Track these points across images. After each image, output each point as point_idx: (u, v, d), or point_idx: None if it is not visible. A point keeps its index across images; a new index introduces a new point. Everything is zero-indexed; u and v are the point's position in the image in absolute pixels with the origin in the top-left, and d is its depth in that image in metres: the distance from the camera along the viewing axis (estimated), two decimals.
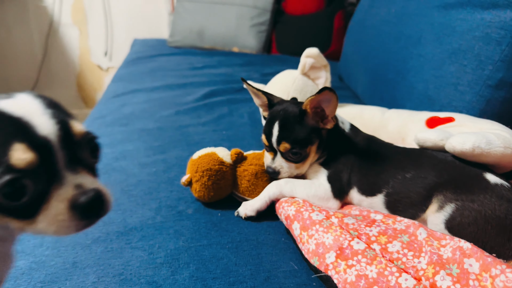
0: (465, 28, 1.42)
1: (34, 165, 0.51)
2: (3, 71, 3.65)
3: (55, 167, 0.54)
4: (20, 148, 0.50)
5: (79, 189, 0.55)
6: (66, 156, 0.55)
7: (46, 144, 0.53)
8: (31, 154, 0.51)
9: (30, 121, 0.53)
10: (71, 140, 0.56)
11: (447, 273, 0.84)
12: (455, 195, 1.02)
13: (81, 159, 0.58)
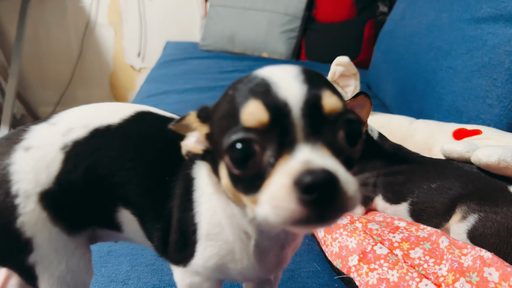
0: (496, 42, 1.43)
1: (264, 126, 0.45)
2: (40, 68, 3.79)
3: (290, 136, 0.45)
4: (254, 105, 0.46)
5: (306, 164, 0.43)
6: (309, 127, 0.45)
7: (284, 107, 0.45)
8: (263, 113, 0.45)
9: (276, 82, 0.47)
10: (318, 111, 0.47)
11: (467, 281, 0.86)
12: (479, 206, 1.04)
13: (329, 135, 0.47)
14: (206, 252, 0.65)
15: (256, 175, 0.47)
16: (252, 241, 0.62)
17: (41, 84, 3.85)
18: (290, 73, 0.49)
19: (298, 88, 0.47)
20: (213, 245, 0.64)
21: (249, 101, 0.46)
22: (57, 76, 3.80)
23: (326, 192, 0.41)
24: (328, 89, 0.49)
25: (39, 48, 3.71)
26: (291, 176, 0.42)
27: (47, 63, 3.78)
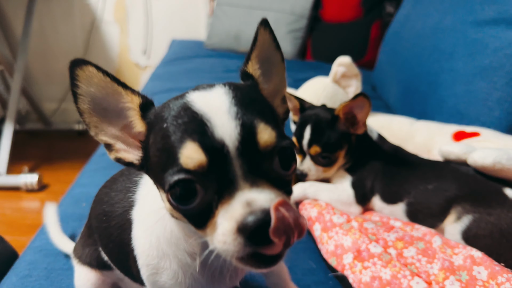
0: (498, 46, 1.43)
1: (203, 168, 0.47)
2: (46, 64, 3.83)
3: (229, 175, 0.47)
4: (191, 147, 0.47)
5: (249, 207, 0.45)
6: (245, 164, 0.47)
7: (221, 148, 0.47)
8: (200, 155, 0.46)
9: (210, 119, 0.48)
10: (254, 148, 0.48)
11: (457, 279, 0.87)
12: (473, 207, 1.05)
13: (267, 170, 0.50)
14: (149, 279, 0.67)
15: (201, 212, 0.49)
16: (197, 260, 0.63)
17: (47, 80, 3.89)
18: (222, 104, 0.50)
19: (233, 124, 0.48)
20: (155, 273, 0.66)
21: (186, 143, 0.47)
22: (63, 72, 3.81)
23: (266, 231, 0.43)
24: (261, 121, 0.50)
25: (45, 44, 3.75)
26: (235, 221, 0.45)
27: (53, 59, 3.82)
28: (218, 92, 0.53)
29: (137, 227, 0.68)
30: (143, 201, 0.70)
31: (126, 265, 0.74)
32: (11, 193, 2.83)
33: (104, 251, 0.82)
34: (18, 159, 3.16)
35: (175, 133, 0.49)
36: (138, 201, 0.71)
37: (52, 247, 1.12)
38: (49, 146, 3.63)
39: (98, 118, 0.56)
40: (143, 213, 0.69)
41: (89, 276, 0.87)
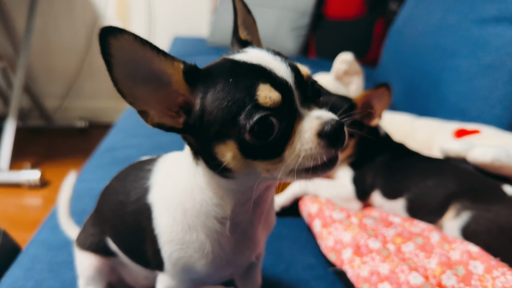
0: (500, 44, 1.44)
1: (278, 104, 0.55)
2: (48, 61, 3.84)
3: (294, 105, 0.57)
4: (266, 88, 0.54)
5: (320, 119, 0.56)
6: (300, 95, 0.58)
7: (286, 84, 0.56)
8: (276, 93, 0.55)
9: (268, 66, 0.57)
10: (301, 81, 0.59)
11: (453, 273, 0.88)
12: (472, 204, 1.06)
13: (310, 97, 0.60)
14: (172, 256, 0.70)
15: (277, 142, 0.56)
16: (227, 223, 0.66)
17: (49, 77, 3.90)
18: (268, 56, 0.59)
19: (285, 67, 0.58)
20: (180, 248, 0.68)
21: (260, 86, 0.54)
22: (65, 69, 3.85)
23: (339, 131, 0.56)
24: (295, 61, 0.61)
25: (47, 41, 3.76)
26: (315, 130, 0.55)
27: (55, 56, 3.82)
28: (256, 50, 0.62)
29: (158, 208, 0.71)
30: (161, 184, 0.73)
31: (139, 251, 0.76)
32: (13, 190, 2.84)
33: (115, 240, 0.83)
34: (20, 156, 3.18)
35: (243, 82, 0.55)
36: (154, 186, 0.73)
37: (55, 240, 1.13)
38: (51, 143, 3.64)
39: (134, 86, 0.56)
40: (163, 194, 0.71)
41: (92, 260, 0.89)
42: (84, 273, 0.91)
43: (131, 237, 0.78)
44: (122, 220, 0.78)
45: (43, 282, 0.99)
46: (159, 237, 0.70)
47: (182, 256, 0.69)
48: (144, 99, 0.57)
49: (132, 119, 2.02)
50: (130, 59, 0.54)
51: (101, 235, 0.87)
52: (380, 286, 0.92)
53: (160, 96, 0.58)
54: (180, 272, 0.71)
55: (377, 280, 0.93)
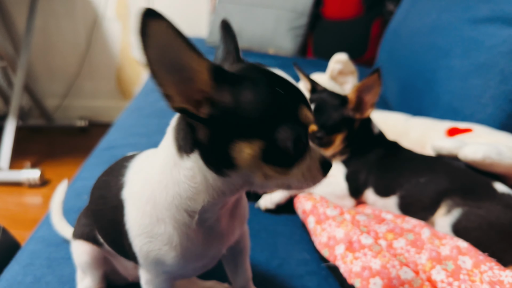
0: (492, 43, 1.46)
1: (309, 125, 0.65)
2: (48, 60, 3.86)
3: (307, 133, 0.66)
4: (306, 109, 0.63)
5: (319, 151, 0.68)
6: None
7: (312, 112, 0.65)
8: (311, 116, 0.64)
9: (303, 92, 0.65)
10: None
11: (443, 268, 0.91)
12: (463, 200, 1.08)
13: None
14: (143, 250, 0.71)
15: (293, 157, 0.63)
16: (196, 217, 0.68)
17: (49, 77, 3.92)
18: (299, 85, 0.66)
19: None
20: (149, 241, 0.70)
21: (303, 106, 0.62)
22: (65, 68, 3.87)
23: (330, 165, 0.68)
24: None
25: (48, 40, 3.78)
26: (318, 159, 0.67)
27: (55, 55, 3.84)
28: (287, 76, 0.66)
29: (129, 203, 0.73)
30: (132, 180, 0.75)
31: (120, 245, 0.78)
32: (14, 188, 2.86)
33: (99, 233, 0.87)
34: (21, 154, 3.20)
35: (289, 96, 0.62)
36: (127, 182, 0.76)
37: (54, 237, 1.15)
38: (51, 142, 3.67)
39: (163, 70, 0.56)
40: (133, 190, 0.74)
41: (85, 248, 0.91)
42: (79, 260, 0.93)
43: (111, 231, 0.80)
44: (103, 214, 0.81)
45: (42, 278, 1.01)
46: (130, 232, 0.72)
47: (152, 249, 0.71)
48: (170, 86, 0.58)
49: (131, 118, 2.04)
50: (163, 45, 0.54)
51: (91, 225, 0.90)
52: (371, 281, 0.94)
53: (184, 86, 0.59)
54: (153, 265, 0.73)
55: (369, 275, 0.95)
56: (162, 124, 2.03)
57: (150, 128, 1.85)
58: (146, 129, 1.85)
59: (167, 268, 0.73)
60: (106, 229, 0.83)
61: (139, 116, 2.04)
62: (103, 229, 0.85)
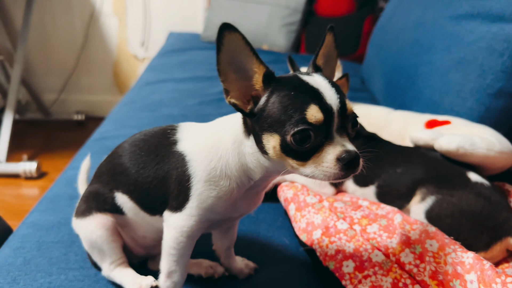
0: (472, 39, 1.50)
1: (319, 123, 0.70)
2: (45, 55, 3.91)
3: (331, 128, 0.72)
4: (315, 108, 0.70)
5: (344, 148, 0.71)
6: (339, 123, 0.73)
7: (330, 110, 0.71)
8: (320, 114, 0.70)
9: (323, 92, 0.72)
10: (344, 113, 0.74)
11: (411, 251, 0.96)
12: (437, 189, 1.13)
13: (346, 128, 0.75)
14: (203, 194, 0.85)
15: (308, 151, 0.72)
16: (251, 183, 0.86)
17: (46, 71, 3.96)
18: (326, 84, 0.75)
19: (335, 97, 0.73)
20: (213, 188, 0.85)
21: (311, 105, 0.71)
22: (62, 63, 3.91)
23: (354, 162, 0.72)
24: (346, 97, 0.77)
25: (44, 35, 3.82)
26: (335, 154, 0.71)
27: (52, 50, 3.89)
28: (319, 77, 0.77)
29: (194, 155, 0.87)
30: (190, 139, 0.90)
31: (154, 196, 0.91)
32: (11, 180, 2.91)
33: (128, 189, 0.94)
34: (18, 148, 3.25)
35: (300, 97, 0.72)
36: (183, 140, 0.90)
37: (43, 222, 1.20)
38: (49, 136, 3.72)
39: (229, 70, 0.75)
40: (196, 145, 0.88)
41: (98, 221, 0.97)
42: (93, 237, 0.97)
43: (150, 183, 0.91)
44: (143, 166, 0.92)
45: (31, 260, 1.05)
46: (193, 177, 0.85)
47: (212, 196, 0.84)
48: (231, 82, 0.76)
49: (123, 111, 2.09)
50: (233, 50, 0.73)
51: (109, 193, 0.97)
52: (344, 263, 0.99)
53: (242, 84, 0.77)
54: (204, 209, 0.86)
55: (342, 257, 1.00)
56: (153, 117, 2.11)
57: (142, 120, 1.90)
58: (137, 121, 1.89)
59: (212, 215, 0.87)
60: (142, 183, 0.92)
61: (131, 109, 2.09)
62: (137, 185, 0.93)
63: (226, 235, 1.04)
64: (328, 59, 0.89)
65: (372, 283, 0.93)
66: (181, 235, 0.87)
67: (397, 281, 0.92)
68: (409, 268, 0.94)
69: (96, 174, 1.03)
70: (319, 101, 0.71)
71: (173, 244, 0.88)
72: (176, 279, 0.90)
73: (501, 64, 1.40)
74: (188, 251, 0.90)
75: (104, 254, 0.98)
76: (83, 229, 0.99)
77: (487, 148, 1.17)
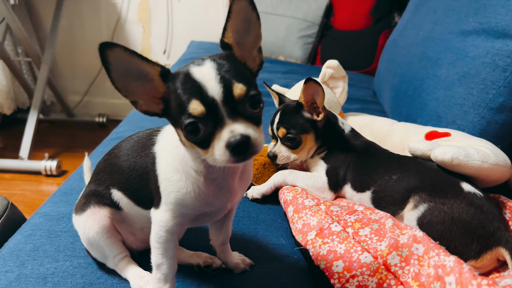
0: (476, 54, 1.53)
1: (203, 114, 0.73)
2: (72, 58, 4.07)
3: (219, 117, 0.73)
4: (196, 102, 0.73)
5: (231, 134, 0.72)
6: (227, 109, 0.73)
7: (213, 101, 0.73)
8: (201, 107, 0.72)
9: (205, 85, 0.73)
10: (232, 98, 0.74)
11: (398, 254, 1.00)
12: (430, 197, 1.16)
13: (239, 111, 0.75)
14: (166, 190, 0.90)
15: (204, 140, 0.76)
16: (202, 175, 0.88)
17: (72, 74, 4.11)
18: (211, 74, 0.75)
19: (218, 86, 0.74)
20: (170, 184, 0.90)
21: (192, 100, 0.73)
22: (87, 67, 4.06)
23: (244, 145, 0.73)
24: (235, 81, 0.75)
25: (72, 39, 3.98)
26: (224, 141, 0.73)
27: (78, 54, 4.04)
28: (207, 65, 0.77)
29: (160, 155, 0.94)
30: (162, 139, 0.96)
31: (143, 192, 0.97)
32: (32, 177, 3.04)
33: (122, 186, 1.01)
34: (41, 146, 3.38)
35: (184, 94, 0.74)
36: (158, 141, 0.97)
37: (55, 213, 1.28)
38: (71, 136, 3.85)
39: (127, 84, 0.78)
40: (163, 146, 0.94)
41: (95, 217, 1.03)
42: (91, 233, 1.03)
43: (138, 179, 0.98)
44: (131, 166, 1.00)
45: (40, 246, 1.13)
46: (159, 176, 0.92)
47: (173, 191, 0.89)
48: (135, 92, 0.79)
49: (138, 114, 2.16)
50: (122, 64, 0.75)
51: (106, 190, 1.04)
52: (334, 263, 1.03)
53: (146, 89, 0.79)
54: (173, 204, 0.90)
55: (333, 258, 1.04)
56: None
57: (156, 122, 1.96)
58: (152, 123, 1.96)
59: (184, 209, 0.91)
60: (132, 179, 0.99)
61: None
62: (128, 180, 1.00)
63: (220, 231, 1.09)
64: (247, 23, 0.84)
65: (358, 283, 0.97)
66: (160, 229, 0.92)
67: (382, 281, 0.96)
68: (395, 270, 0.98)
69: (94, 172, 1.12)
70: (199, 95, 0.73)
71: (155, 238, 0.93)
72: (165, 271, 0.94)
73: (504, 79, 1.42)
74: (171, 245, 0.94)
75: (104, 250, 1.05)
76: (81, 225, 1.06)
77: (482, 160, 1.20)
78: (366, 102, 2.47)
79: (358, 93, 2.58)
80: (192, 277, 1.08)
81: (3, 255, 1.11)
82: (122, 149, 1.05)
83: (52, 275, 1.03)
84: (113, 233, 1.05)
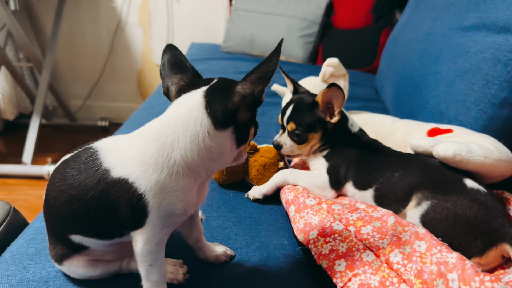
0: (477, 50, 1.52)
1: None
2: (73, 62, 4.07)
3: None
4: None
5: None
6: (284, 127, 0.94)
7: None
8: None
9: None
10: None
11: (400, 251, 0.99)
12: (432, 194, 1.15)
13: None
14: (162, 204, 0.85)
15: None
16: (198, 181, 0.91)
17: (73, 78, 4.12)
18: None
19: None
20: (172, 194, 0.86)
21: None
22: (88, 71, 4.07)
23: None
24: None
25: (72, 44, 3.99)
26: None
27: (79, 58, 4.05)
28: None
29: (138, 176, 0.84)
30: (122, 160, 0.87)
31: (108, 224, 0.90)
32: (35, 182, 3.05)
33: (79, 230, 0.93)
34: (44, 151, 3.39)
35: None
36: (114, 166, 0.86)
37: None
38: (73, 140, 3.85)
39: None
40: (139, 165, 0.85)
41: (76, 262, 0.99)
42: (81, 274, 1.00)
43: (99, 217, 0.88)
44: (84, 207, 0.87)
45: (42, 250, 1.13)
46: (146, 194, 0.84)
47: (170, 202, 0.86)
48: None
49: (141, 116, 2.17)
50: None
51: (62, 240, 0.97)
52: (336, 262, 1.02)
53: None
54: (164, 217, 0.87)
55: (335, 257, 1.04)
56: None
57: None
58: None
59: (174, 218, 0.90)
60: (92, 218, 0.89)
61: (149, 114, 2.17)
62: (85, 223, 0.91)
63: (191, 229, 1.08)
64: None
65: (361, 281, 0.96)
66: (149, 244, 0.88)
67: (384, 279, 0.95)
68: (397, 268, 0.97)
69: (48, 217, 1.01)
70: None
71: (144, 253, 0.89)
72: (155, 278, 0.92)
73: (506, 74, 1.41)
74: (160, 254, 0.92)
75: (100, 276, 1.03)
76: (68, 271, 1.02)
77: (484, 156, 1.19)
78: (368, 100, 2.46)
79: (360, 91, 2.57)
80: (192, 276, 1.07)
81: (5, 260, 1.10)
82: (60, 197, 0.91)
83: (54, 279, 1.03)
84: (99, 263, 1.02)
